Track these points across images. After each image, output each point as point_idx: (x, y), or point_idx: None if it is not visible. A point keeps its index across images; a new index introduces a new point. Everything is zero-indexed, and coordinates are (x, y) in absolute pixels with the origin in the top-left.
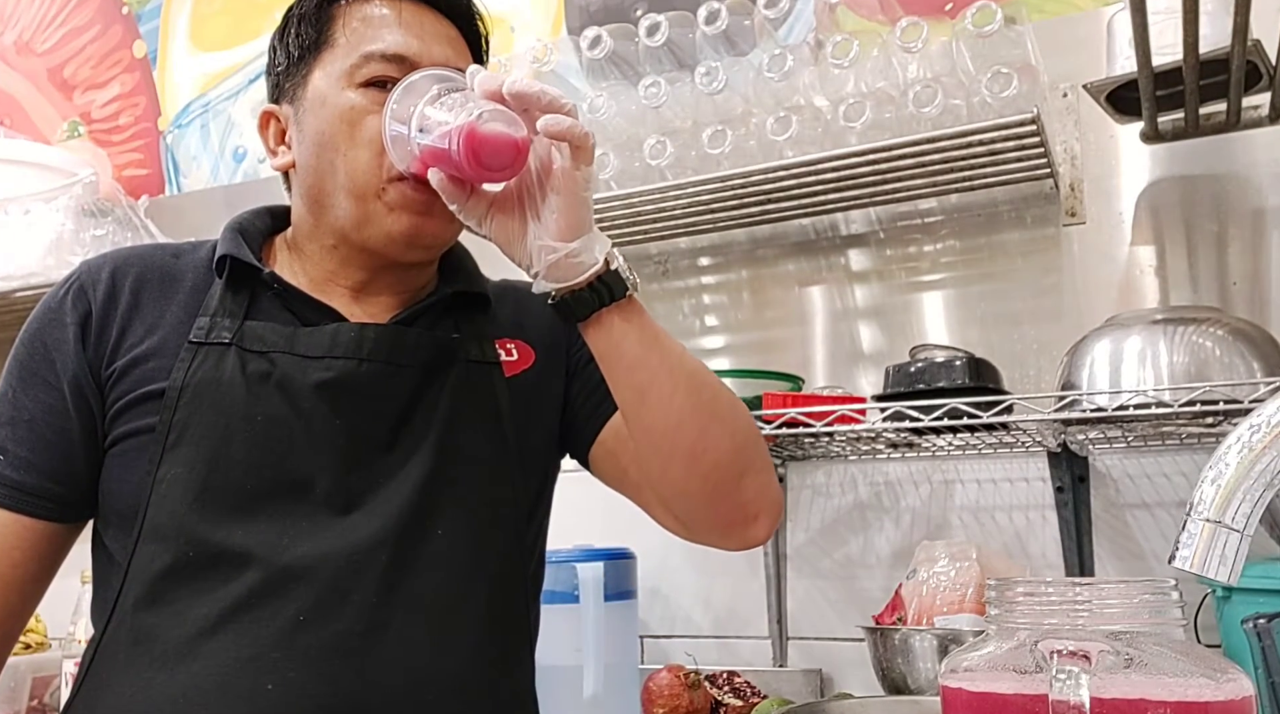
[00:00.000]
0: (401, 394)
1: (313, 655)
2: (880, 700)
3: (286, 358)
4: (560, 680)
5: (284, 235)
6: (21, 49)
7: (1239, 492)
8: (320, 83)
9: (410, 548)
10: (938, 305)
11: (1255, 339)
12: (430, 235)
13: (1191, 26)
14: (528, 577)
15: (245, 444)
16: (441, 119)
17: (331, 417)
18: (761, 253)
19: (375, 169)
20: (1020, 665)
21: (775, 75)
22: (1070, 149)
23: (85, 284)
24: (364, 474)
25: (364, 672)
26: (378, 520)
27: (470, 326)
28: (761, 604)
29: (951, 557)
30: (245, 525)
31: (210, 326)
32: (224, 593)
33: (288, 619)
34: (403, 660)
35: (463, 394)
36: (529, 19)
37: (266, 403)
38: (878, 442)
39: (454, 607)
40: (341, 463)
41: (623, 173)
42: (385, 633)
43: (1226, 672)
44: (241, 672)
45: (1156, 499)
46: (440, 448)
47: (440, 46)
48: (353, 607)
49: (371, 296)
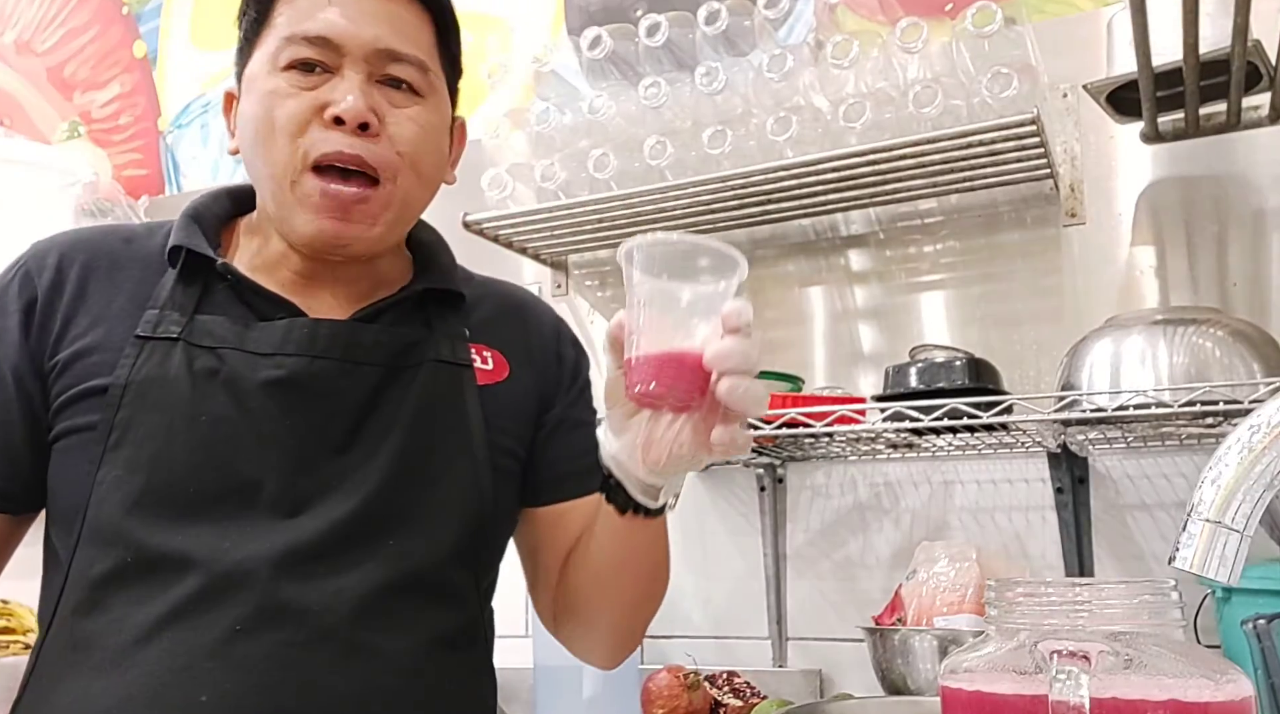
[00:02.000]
0: (358, 393)
1: (249, 666)
2: (880, 701)
3: (236, 354)
4: (560, 681)
5: (248, 218)
6: (21, 49)
7: (1239, 492)
8: (255, 66)
9: (358, 557)
10: (937, 306)
11: (1255, 340)
12: (352, 239)
13: (1191, 27)
14: (481, 590)
15: (188, 445)
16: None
17: (280, 416)
18: (761, 253)
19: (289, 153)
20: (1020, 666)
21: (775, 75)
22: (1070, 149)
23: (31, 269)
24: (314, 477)
25: (303, 685)
26: (324, 525)
27: (443, 325)
28: (761, 605)
29: (951, 557)
30: (186, 530)
31: (158, 320)
32: (162, 600)
33: (224, 628)
34: (344, 675)
35: (429, 395)
36: (529, 19)
37: (212, 402)
38: (878, 442)
39: (401, 621)
40: (290, 465)
41: (623, 173)
42: (326, 645)
43: (1226, 672)
44: (175, 682)
45: (1156, 500)
46: (400, 452)
47: (374, 27)
48: (293, 616)
49: (329, 287)
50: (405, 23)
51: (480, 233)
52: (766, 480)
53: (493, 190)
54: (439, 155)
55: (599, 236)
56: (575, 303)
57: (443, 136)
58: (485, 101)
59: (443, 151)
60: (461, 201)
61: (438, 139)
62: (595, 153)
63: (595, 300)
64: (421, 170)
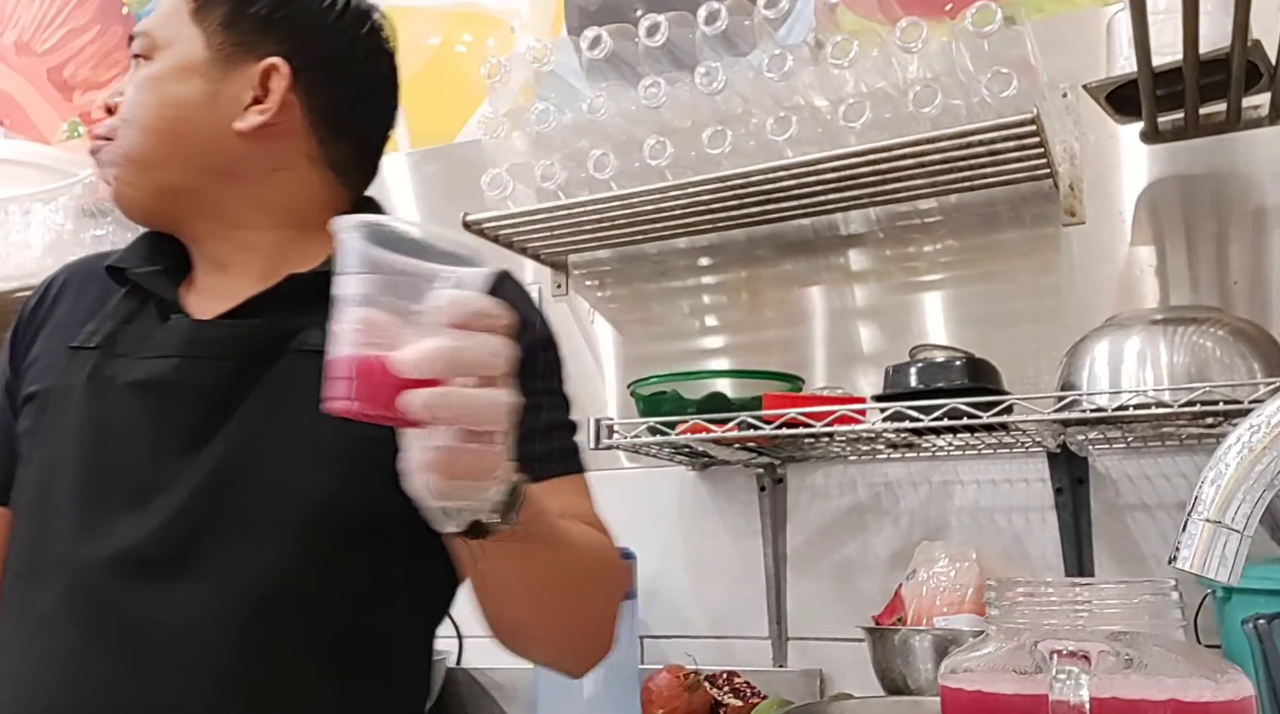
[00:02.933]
0: (211, 390)
1: (48, 659)
2: (880, 701)
3: (121, 360)
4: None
5: None
6: (21, 49)
7: (1239, 492)
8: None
9: (172, 557)
10: (937, 305)
11: (1255, 339)
12: (115, 199)
13: (1191, 26)
14: (360, 595)
15: (77, 446)
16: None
17: (142, 416)
18: (761, 253)
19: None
20: (1020, 666)
21: (775, 75)
22: (1070, 149)
23: (38, 290)
24: (163, 475)
25: (83, 688)
26: (150, 524)
27: (316, 312)
28: (761, 605)
29: (951, 557)
30: (64, 528)
31: (92, 331)
32: (31, 601)
33: (36, 619)
34: (130, 684)
35: (283, 387)
36: (529, 19)
37: (99, 406)
38: (877, 442)
39: (205, 627)
40: (146, 463)
41: (622, 173)
42: (119, 647)
43: (1226, 673)
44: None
45: (1156, 500)
46: (236, 448)
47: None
48: (97, 613)
49: (228, 277)
50: (161, 6)
51: (480, 233)
52: (766, 481)
53: (492, 190)
54: (161, 101)
55: (599, 236)
56: (575, 303)
57: (168, 82)
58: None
59: (172, 94)
60: (461, 201)
61: (157, 87)
62: (595, 153)
63: (595, 300)
64: (140, 121)
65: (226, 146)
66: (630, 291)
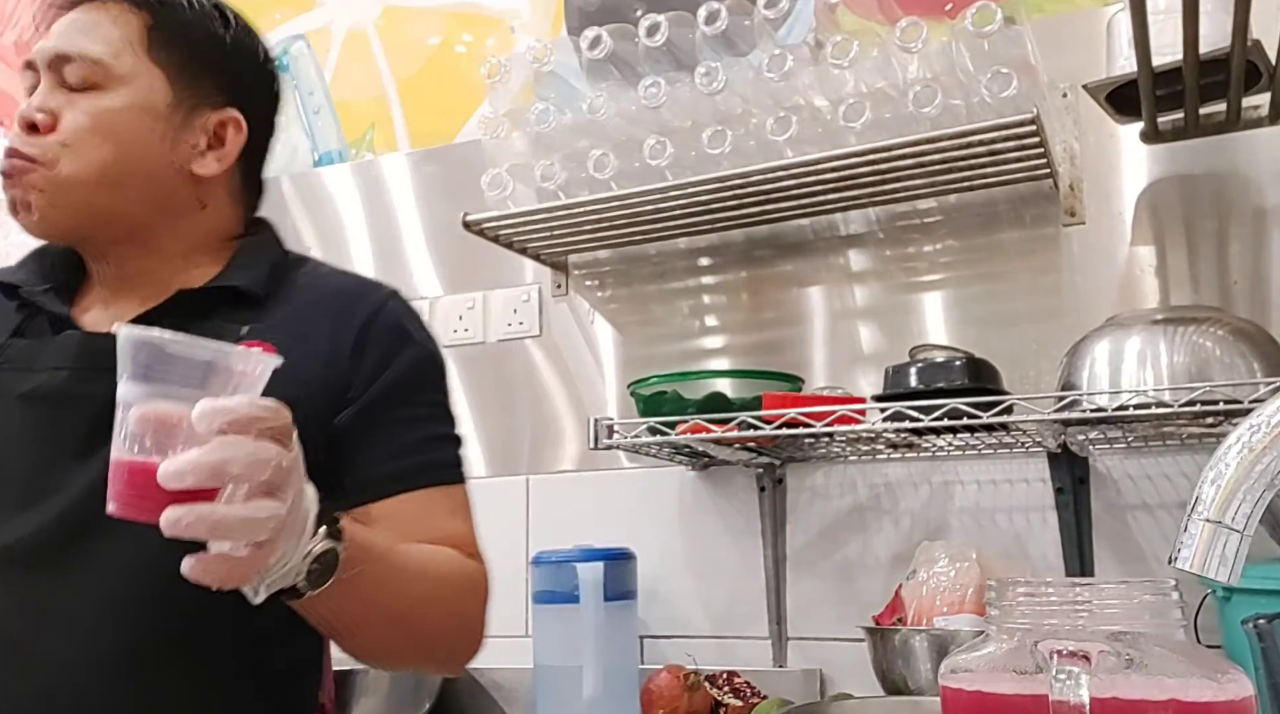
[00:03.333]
0: (97, 401)
1: None
2: (880, 701)
3: (12, 373)
4: (560, 681)
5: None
6: (22, 49)
7: (1239, 492)
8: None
9: (59, 553)
10: (937, 305)
11: (1255, 339)
12: (27, 223)
13: (1191, 26)
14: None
15: None
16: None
17: (31, 427)
18: (760, 253)
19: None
20: (1020, 666)
21: (775, 75)
22: (1070, 149)
23: None
24: (54, 480)
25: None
26: (38, 521)
27: (214, 325)
28: (761, 605)
29: (951, 557)
30: None
31: None
32: None
33: None
34: (19, 674)
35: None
36: (529, 19)
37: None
38: (877, 442)
39: (90, 620)
40: (36, 470)
41: (622, 173)
42: (7, 637)
43: (1227, 672)
44: None
45: (1157, 500)
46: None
47: (53, 38)
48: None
49: (129, 294)
50: (87, 26)
51: (480, 233)
52: (766, 481)
53: (492, 190)
54: (118, 137)
55: (599, 236)
56: (575, 303)
57: (130, 118)
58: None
59: (132, 132)
60: (461, 201)
61: (114, 122)
62: (595, 153)
63: (595, 300)
64: (89, 153)
65: (172, 184)
66: (630, 292)
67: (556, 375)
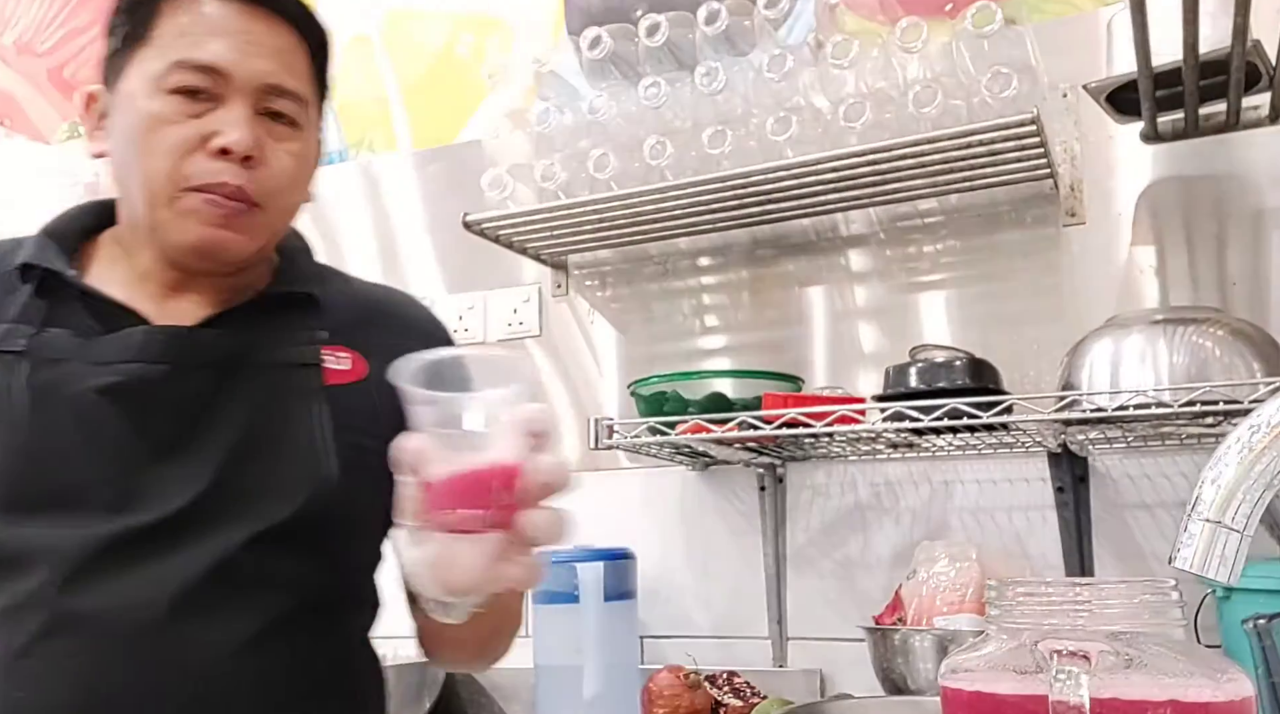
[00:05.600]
0: (191, 396)
1: (61, 664)
2: (880, 701)
3: (76, 365)
4: (560, 680)
5: (112, 230)
6: (21, 49)
7: (1239, 492)
8: (133, 82)
9: (191, 560)
10: (938, 306)
11: (1255, 339)
12: (224, 249)
13: (1191, 27)
14: (327, 579)
15: (21, 456)
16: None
17: (114, 422)
18: (761, 253)
19: (169, 177)
20: (1020, 666)
21: (775, 75)
22: (1070, 149)
23: None
24: (143, 479)
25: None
26: (149, 522)
27: (292, 327)
28: (761, 604)
29: (951, 557)
30: (20, 531)
31: (5, 335)
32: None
33: (58, 635)
34: (162, 669)
35: (265, 395)
36: (529, 19)
37: (48, 413)
38: (878, 442)
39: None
40: (123, 469)
41: (623, 173)
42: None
43: (1226, 672)
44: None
45: (1157, 499)
46: (230, 449)
47: (261, 59)
48: (102, 619)
49: (188, 295)
50: (290, 55)
51: (480, 233)
52: (767, 480)
53: (493, 190)
54: (308, 182)
55: (599, 236)
56: (575, 303)
57: (313, 165)
58: (485, 102)
59: (311, 178)
60: (461, 201)
61: (309, 169)
62: (595, 153)
63: (595, 300)
64: (293, 199)
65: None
66: (631, 292)
67: (556, 375)
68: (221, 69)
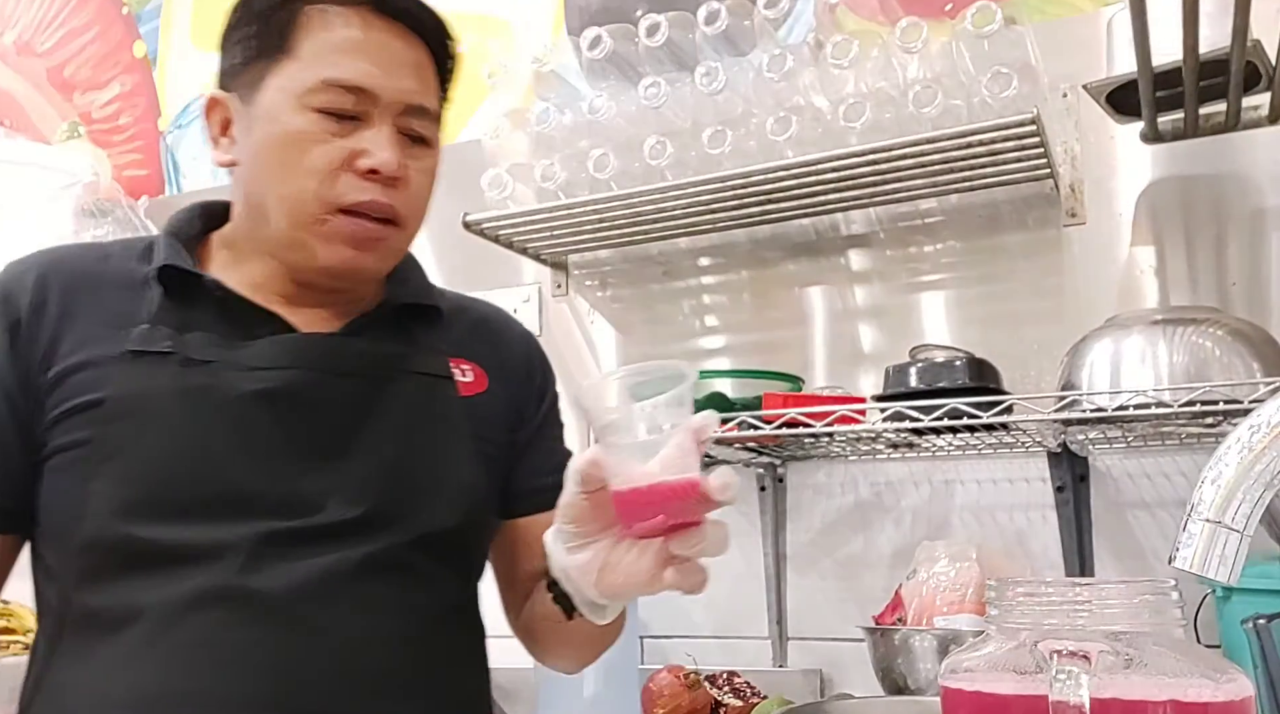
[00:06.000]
0: (346, 404)
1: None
2: (880, 700)
3: (228, 369)
4: (560, 681)
5: (220, 233)
6: (21, 49)
7: (1239, 492)
8: (274, 95)
9: (361, 554)
10: (938, 306)
11: (1255, 339)
12: (364, 271)
13: (1191, 27)
14: (466, 581)
15: (185, 458)
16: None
17: (273, 427)
18: (762, 253)
19: (316, 199)
20: (1020, 666)
21: (775, 75)
22: (1070, 150)
23: (11, 290)
24: (311, 484)
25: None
26: (327, 526)
27: (421, 339)
28: (761, 604)
29: (951, 557)
30: (187, 529)
31: (147, 336)
32: (176, 590)
33: (232, 622)
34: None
35: (417, 406)
36: (529, 19)
37: (206, 415)
38: (878, 442)
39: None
40: (286, 473)
41: (623, 173)
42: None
43: (1226, 672)
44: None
45: (1157, 499)
46: (396, 458)
47: (405, 79)
48: (301, 615)
49: (310, 306)
50: (426, 71)
51: (480, 233)
52: (767, 480)
53: (493, 190)
54: (428, 201)
55: (599, 236)
56: (575, 303)
57: (434, 183)
58: (485, 102)
59: (432, 196)
60: (461, 201)
61: (432, 187)
62: (595, 153)
63: (595, 300)
64: (419, 217)
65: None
66: (631, 292)
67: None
68: (370, 90)
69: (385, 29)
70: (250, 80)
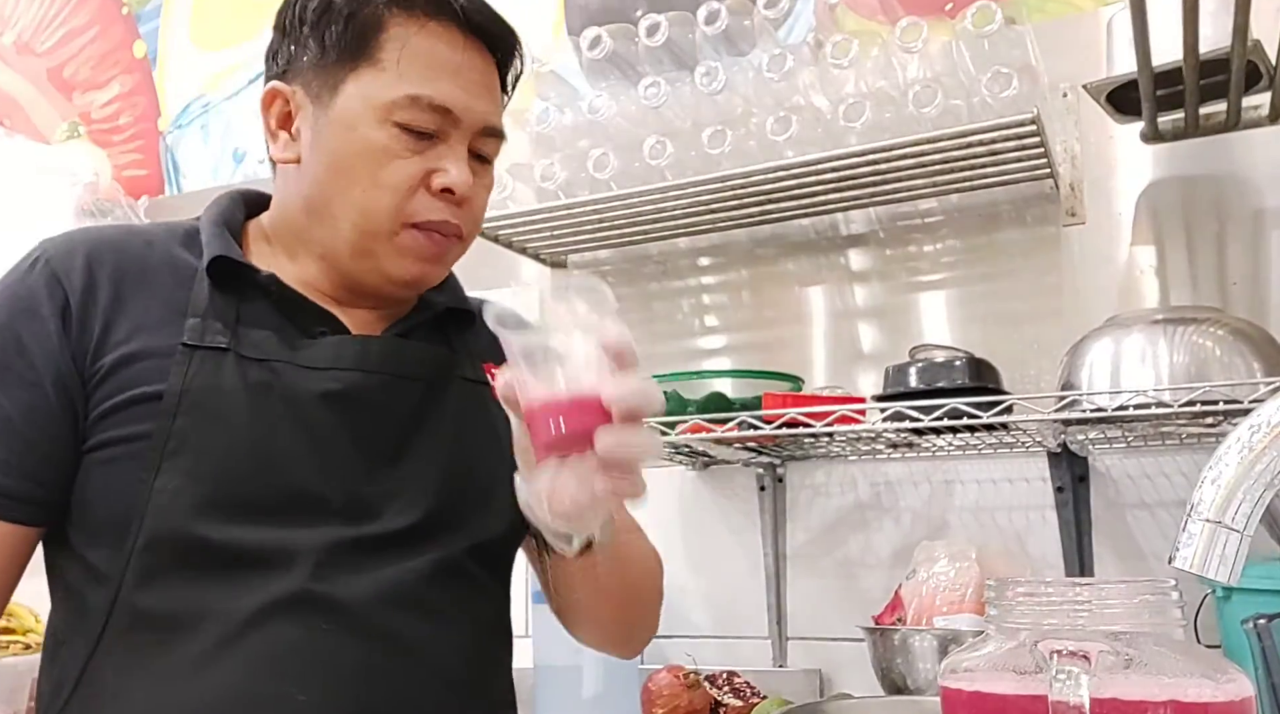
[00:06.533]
0: (404, 407)
1: (335, 667)
2: (880, 700)
3: (288, 367)
4: (560, 680)
5: (258, 224)
6: (21, 49)
7: (1239, 492)
8: (353, 101)
9: (426, 562)
10: (938, 305)
11: (1255, 339)
12: (429, 282)
13: (1191, 27)
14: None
15: (253, 456)
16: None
17: (340, 428)
18: (762, 253)
19: (392, 212)
20: (1020, 666)
21: (775, 75)
22: (1070, 149)
23: (58, 270)
24: (374, 486)
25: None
26: (392, 531)
27: (461, 344)
28: (761, 604)
29: (951, 557)
30: (259, 532)
31: (203, 329)
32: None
33: (310, 628)
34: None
35: (464, 411)
36: (529, 19)
37: (272, 414)
38: (878, 442)
39: (459, 618)
40: (351, 475)
41: (623, 173)
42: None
43: (1226, 672)
44: (268, 678)
45: (1156, 499)
46: (450, 463)
47: (485, 101)
48: (377, 623)
49: (355, 307)
50: (497, 92)
51: (480, 233)
52: (767, 480)
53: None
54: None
55: (599, 236)
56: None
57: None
58: None
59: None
60: None
61: (488, 197)
62: (595, 153)
63: None
64: (477, 230)
65: None
66: (631, 291)
67: None
68: (454, 111)
69: (471, 48)
70: (326, 81)
